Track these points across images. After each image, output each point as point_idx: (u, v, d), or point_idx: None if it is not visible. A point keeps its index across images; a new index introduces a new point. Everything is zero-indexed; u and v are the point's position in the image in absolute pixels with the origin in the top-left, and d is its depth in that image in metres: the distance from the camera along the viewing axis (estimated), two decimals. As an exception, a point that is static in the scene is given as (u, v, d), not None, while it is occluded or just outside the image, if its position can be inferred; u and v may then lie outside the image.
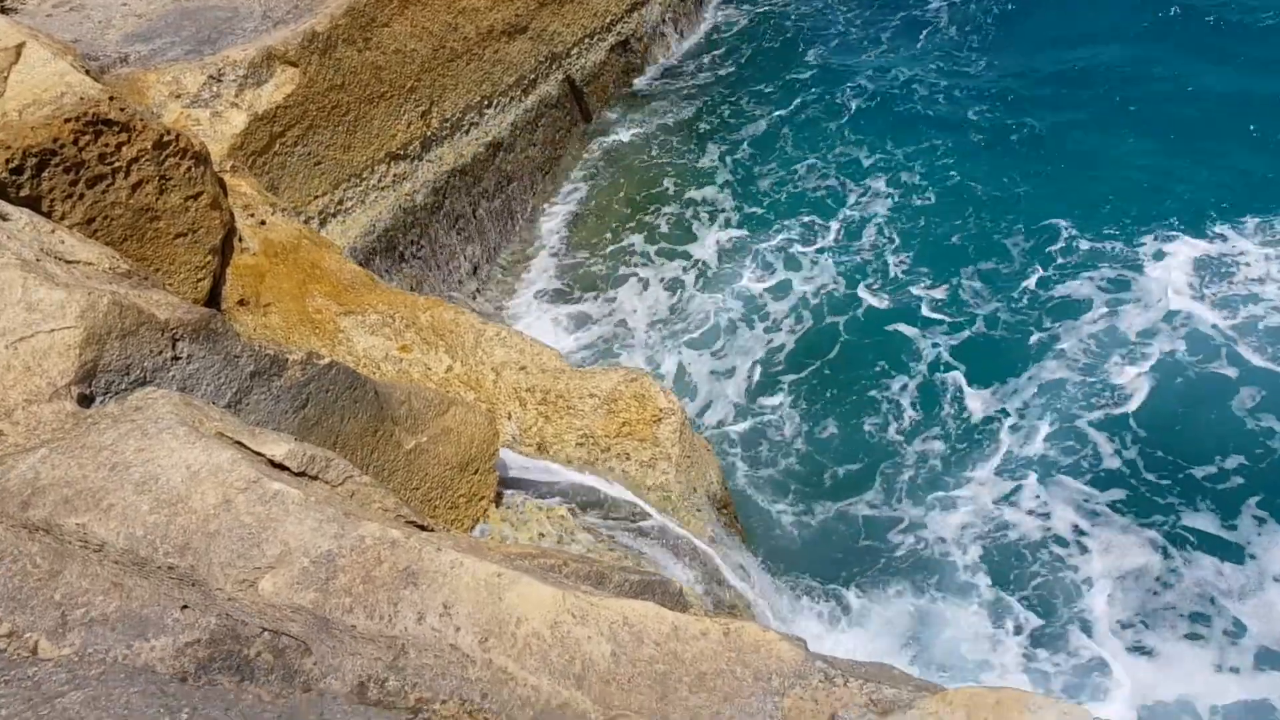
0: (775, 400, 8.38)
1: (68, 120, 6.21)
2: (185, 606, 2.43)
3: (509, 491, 5.73)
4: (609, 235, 10.28)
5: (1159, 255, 9.24)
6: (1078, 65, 12.14)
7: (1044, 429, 7.85)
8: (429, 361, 6.53)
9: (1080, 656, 6.38)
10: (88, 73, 6.87)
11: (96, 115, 6.35)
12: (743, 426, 8.21)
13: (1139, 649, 6.39)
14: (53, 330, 3.42)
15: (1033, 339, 8.64)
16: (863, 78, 12.38)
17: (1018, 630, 6.60)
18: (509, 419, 6.26)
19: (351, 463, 4.79)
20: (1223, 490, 7.20)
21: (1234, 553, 6.86)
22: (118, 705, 2.32)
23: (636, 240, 10.15)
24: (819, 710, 2.06)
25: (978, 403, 8.17)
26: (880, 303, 9.18)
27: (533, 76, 10.76)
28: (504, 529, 5.63)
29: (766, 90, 12.41)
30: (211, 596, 2.43)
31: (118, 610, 2.50)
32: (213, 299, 7.27)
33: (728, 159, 11.19)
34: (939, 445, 7.88)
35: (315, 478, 2.84)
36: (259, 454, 2.79)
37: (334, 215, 8.49)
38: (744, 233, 10.17)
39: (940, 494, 7.52)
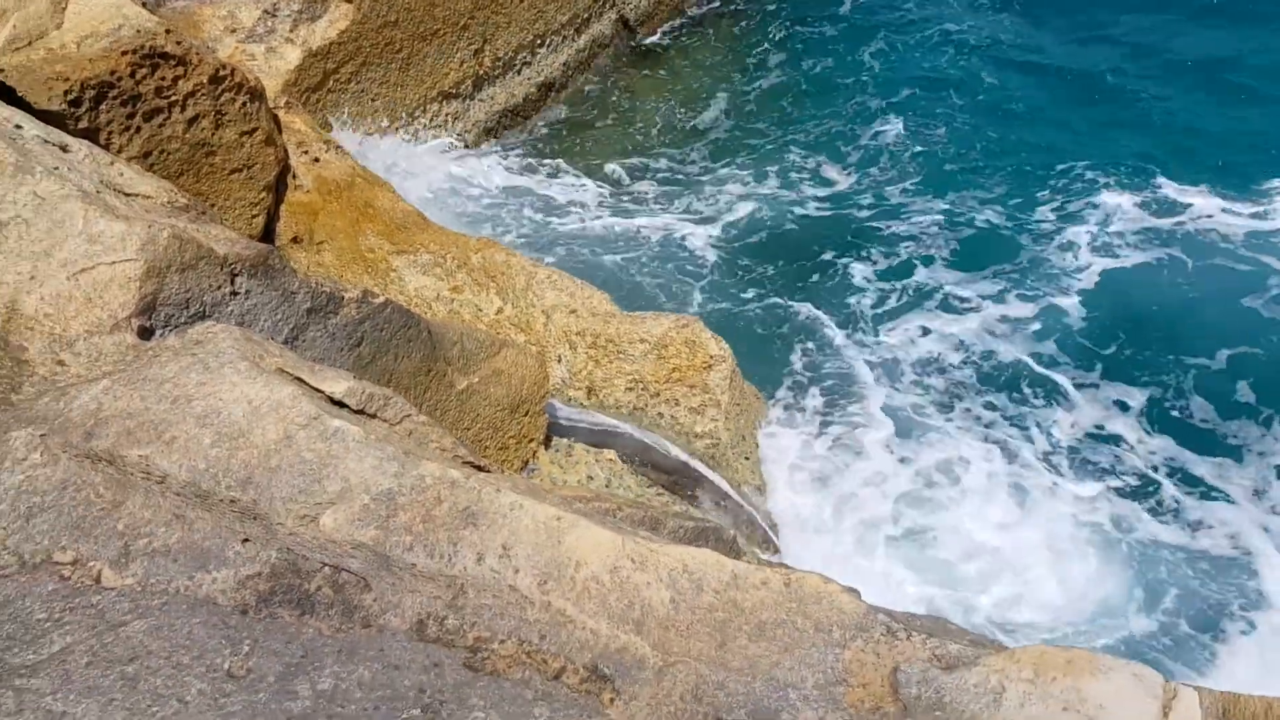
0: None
1: (125, 53, 6.21)
2: (246, 540, 2.45)
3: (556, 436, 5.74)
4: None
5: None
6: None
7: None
8: (480, 303, 6.52)
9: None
10: (144, 5, 6.85)
11: (153, 48, 6.34)
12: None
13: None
14: (114, 262, 3.44)
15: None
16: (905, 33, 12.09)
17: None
18: (559, 362, 6.25)
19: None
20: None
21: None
22: (180, 635, 2.34)
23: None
24: (880, 663, 2.04)
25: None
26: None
27: (586, 15, 10.60)
28: (553, 471, 5.65)
29: (813, 34, 12.15)
30: (273, 530, 2.44)
31: (180, 542, 2.52)
32: (267, 235, 7.30)
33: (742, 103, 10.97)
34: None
35: (374, 415, 2.84)
36: (318, 390, 2.79)
37: (386, 154, 8.47)
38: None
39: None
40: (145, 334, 3.52)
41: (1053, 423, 7.47)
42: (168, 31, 6.43)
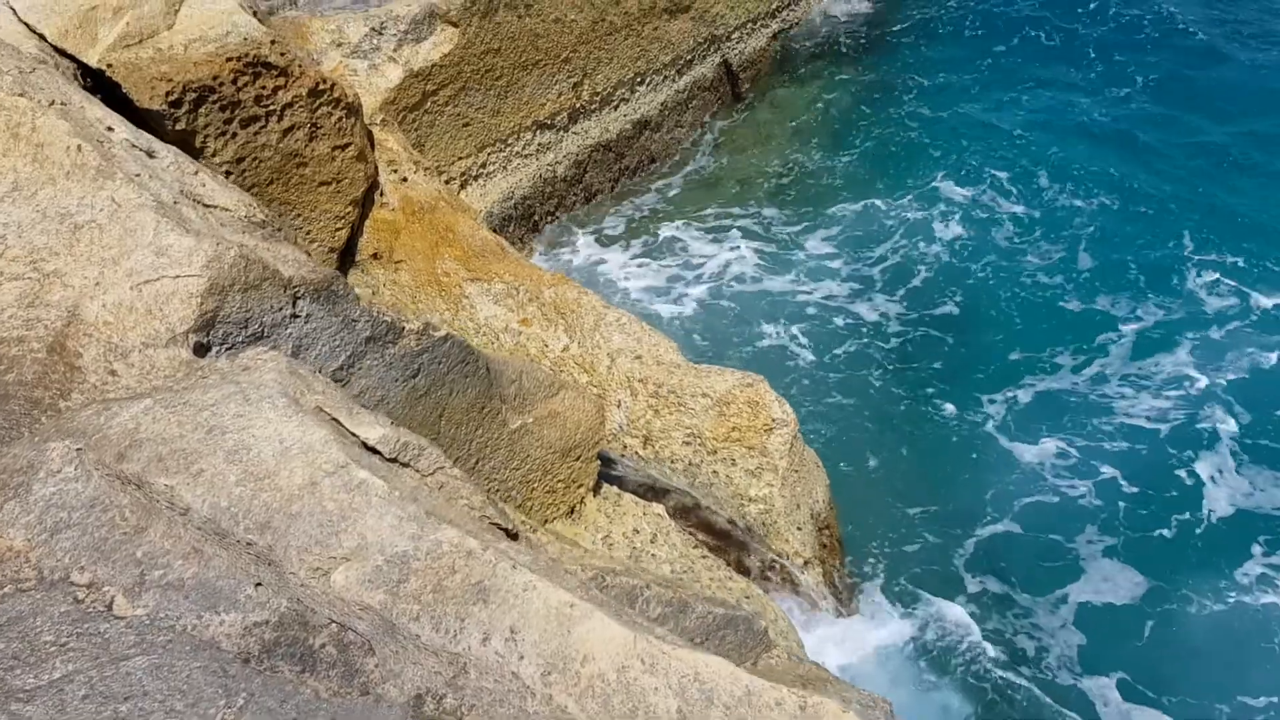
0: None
1: (229, 59, 6.33)
2: (259, 584, 2.40)
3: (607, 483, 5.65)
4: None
5: None
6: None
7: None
8: (547, 338, 6.49)
9: None
10: (255, 13, 6.99)
11: (257, 57, 6.46)
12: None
13: None
14: (177, 276, 3.45)
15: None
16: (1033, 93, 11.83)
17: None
18: (618, 407, 6.18)
19: (455, 437, 4.78)
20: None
21: None
22: (179, 678, 2.30)
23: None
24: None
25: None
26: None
27: (689, 57, 10.60)
28: (599, 519, 5.56)
29: (929, 84, 11.97)
30: (285, 579, 2.38)
31: (194, 577, 2.48)
32: (349, 248, 7.38)
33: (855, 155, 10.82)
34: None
35: (406, 464, 2.78)
36: (353, 434, 2.74)
37: (475, 178, 8.52)
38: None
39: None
40: (201, 350, 3.53)
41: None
42: (273, 42, 6.55)
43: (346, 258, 7.32)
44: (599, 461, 5.53)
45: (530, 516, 5.35)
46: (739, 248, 9.41)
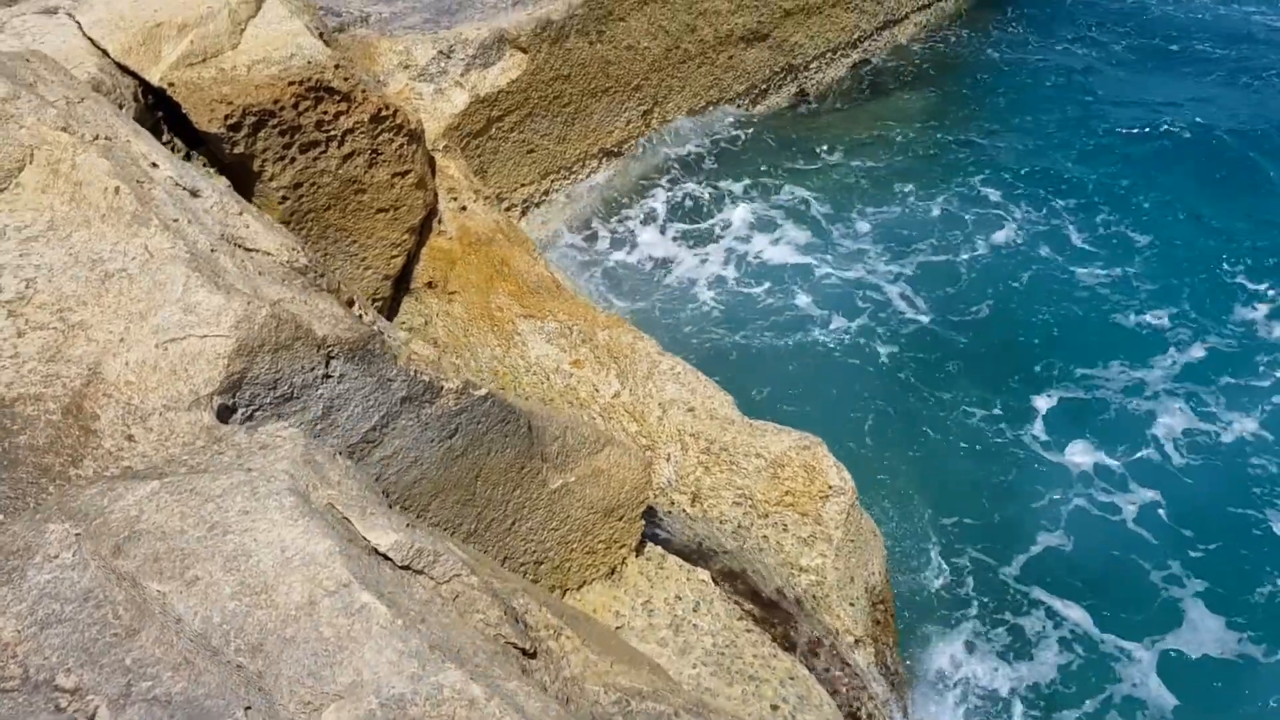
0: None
1: (291, 83, 6.23)
2: (249, 708, 2.20)
3: (650, 543, 5.41)
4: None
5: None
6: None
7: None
8: (598, 382, 6.27)
9: None
10: (321, 35, 6.89)
11: (320, 82, 6.35)
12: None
13: None
14: (204, 336, 3.29)
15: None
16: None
17: None
18: (668, 460, 5.94)
19: (491, 498, 4.58)
20: None
21: None
22: (151, 818, 2.11)
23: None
24: None
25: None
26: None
27: (764, 86, 10.33)
28: (640, 582, 5.32)
29: (1014, 119, 11.61)
30: (275, 712, 2.18)
31: (183, 694, 2.29)
32: (404, 275, 7.25)
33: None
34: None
35: (420, 572, 2.57)
36: (365, 538, 2.54)
37: (537, 205, 8.36)
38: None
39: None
40: (225, 412, 3.36)
41: None
42: (337, 66, 6.43)
43: (401, 285, 7.19)
44: (643, 522, 5.30)
45: (568, 578, 5.14)
46: (779, 235, 9.22)
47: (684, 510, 5.75)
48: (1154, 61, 12.91)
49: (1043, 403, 8.03)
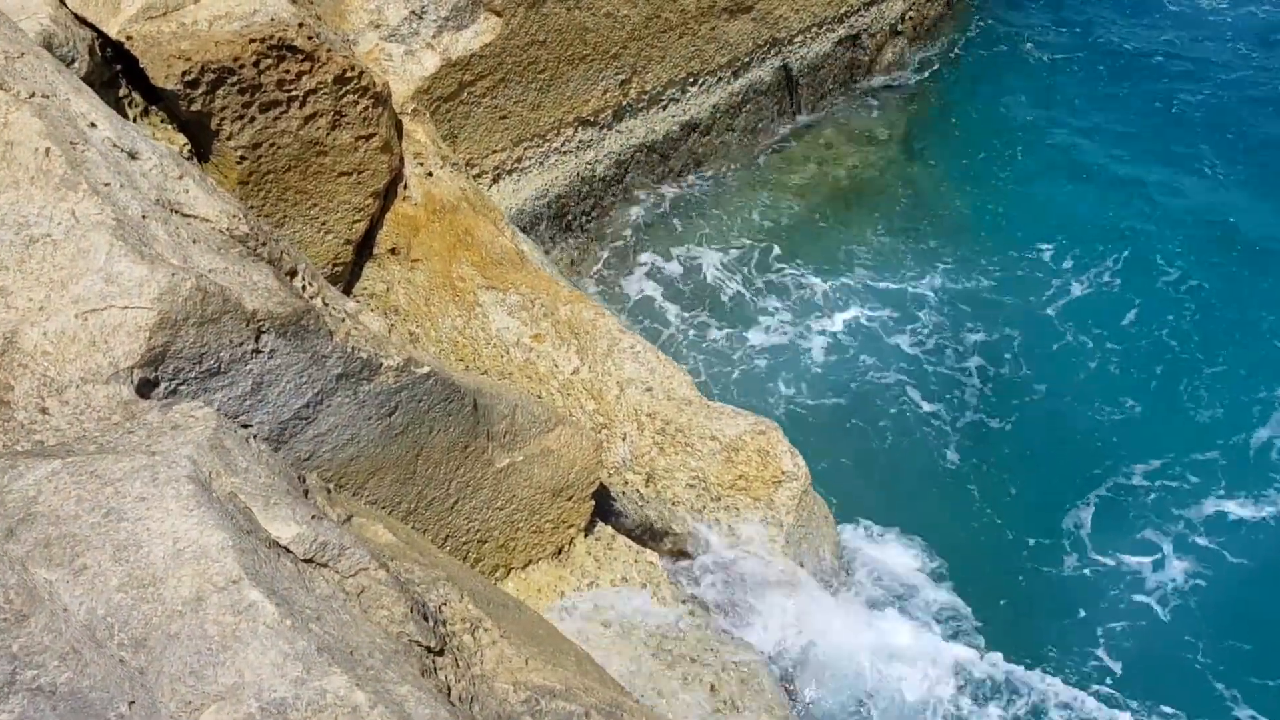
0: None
1: (253, 40, 6.08)
2: (133, 703, 2.14)
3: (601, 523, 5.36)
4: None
5: None
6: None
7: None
8: (558, 358, 6.20)
9: None
10: (293, -11, 6.71)
11: (282, 40, 6.20)
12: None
13: None
14: (125, 307, 3.20)
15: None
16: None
17: None
18: (623, 440, 5.88)
19: (432, 476, 4.51)
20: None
21: None
22: (21, 816, 2.05)
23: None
24: None
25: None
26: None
27: (747, 60, 10.18)
28: (587, 563, 5.28)
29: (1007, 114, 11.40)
30: (156, 707, 2.12)
31: (68, 685, 2.23)
32: (366, 241, 7.13)
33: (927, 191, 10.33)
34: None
35: (324, 564, 2.51)
36: (265, 529, 2.47)
37: (509, 173, 8.23)
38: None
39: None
40: (146, 386, 3.28)
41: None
42: (301, 25, 6.29)
43: (364, 250, 7.07)
44: (593, 502, 5.25)
45: (513, 557, 5.09)
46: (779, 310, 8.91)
47: (638, 490, 5.71)
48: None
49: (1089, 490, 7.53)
